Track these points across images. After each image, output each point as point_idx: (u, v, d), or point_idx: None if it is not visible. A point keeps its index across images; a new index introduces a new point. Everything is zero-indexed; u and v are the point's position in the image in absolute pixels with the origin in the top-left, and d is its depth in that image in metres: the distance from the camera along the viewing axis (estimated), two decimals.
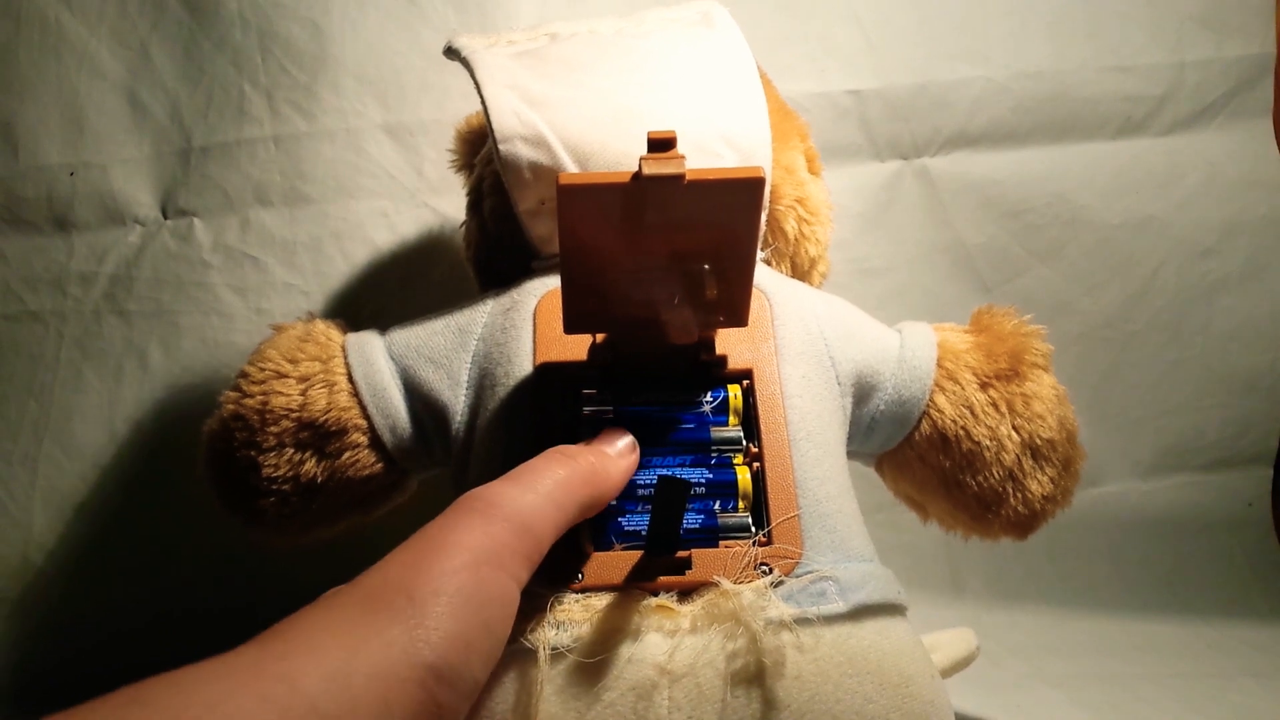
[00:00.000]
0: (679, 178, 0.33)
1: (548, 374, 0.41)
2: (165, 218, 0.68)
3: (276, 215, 0.68)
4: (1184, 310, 0.75)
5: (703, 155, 0.44)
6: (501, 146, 0.44)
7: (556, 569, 0.35)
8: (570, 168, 0.44)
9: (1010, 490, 0.45)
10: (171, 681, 0.23)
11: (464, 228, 0.54)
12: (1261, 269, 0.75)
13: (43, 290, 0.68)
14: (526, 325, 0.43)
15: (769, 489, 0.38)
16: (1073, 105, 0.73)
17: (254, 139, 0.68)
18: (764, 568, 0.36)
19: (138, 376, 0.67)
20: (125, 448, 0.67)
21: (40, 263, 0.68)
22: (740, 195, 0.35)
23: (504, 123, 0.44)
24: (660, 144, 0.34)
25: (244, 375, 0.45)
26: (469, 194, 0.53)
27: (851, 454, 0.45)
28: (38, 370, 0.67)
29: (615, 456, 0.37)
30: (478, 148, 0.54)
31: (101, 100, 0.68)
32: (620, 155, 0.44)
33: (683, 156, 0.34)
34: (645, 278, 0.37)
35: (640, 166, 0.34)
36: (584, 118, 0.44)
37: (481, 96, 0.44)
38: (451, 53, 0.49)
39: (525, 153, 0.44)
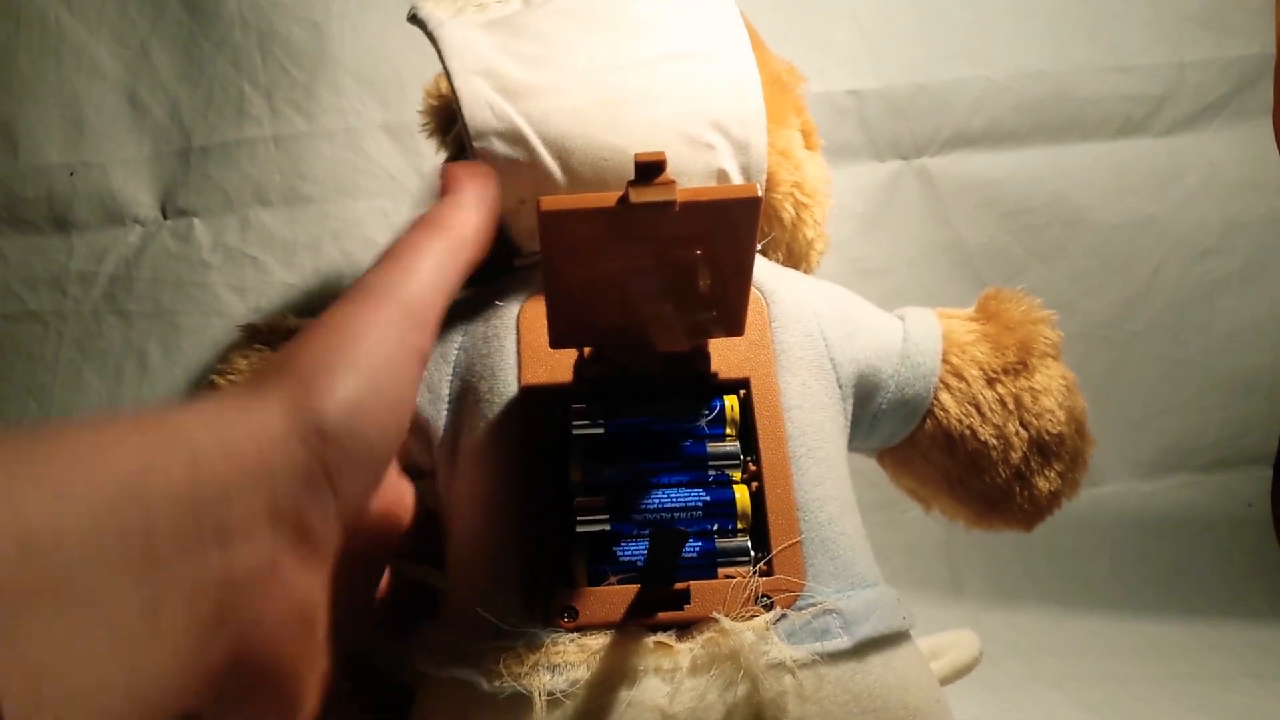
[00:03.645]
0: (669, 204, 0.29)
1: (534, 393, 0.37)
2: (165, 218, 0.65)
3: (276, 215, 0.65)
4: (1184, 310, 0.71)
5: (692, 146, 0.39)
6: (476, 144, 0.38)
7: (551, 603, 0.32)
8: (550, 165, 0.38)
9: (1017, 489, 0.41)
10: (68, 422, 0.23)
11: None
12: (1262, 269, 0.72)
13: (42, 290, 0.65)
14: (510, 335, 0.38)
15: (769, 512, 0.34)
16: (1073, 105, 0.70)
17: (254, 139, 0.65)
18: (765, 600, 0.32)
19: (137, 377, 0.64)
20: None
21: (40, 263, 0.65)
22: (736, 214, 0.31)
23: (478, 117, 0.38)
24: (648, 169, 0.30)
25: (211, 386, 0.41)
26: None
27: (853, 448, 0.41)
28: (37, 370, 0.64)
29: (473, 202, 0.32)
30: (448, 120, 0.48)
31: (101, 100, 0.65)
32: (604, 149, 0.38)
33: (674, 181, 0.30)
34: (633, 284, 0.33)
35: (628, 193, 0.29)
36: (564, 108, 0.39)
37: (452, 86, 0.39)
38: (416, 21, 0.43)
39: (501, 150, 0.38)
